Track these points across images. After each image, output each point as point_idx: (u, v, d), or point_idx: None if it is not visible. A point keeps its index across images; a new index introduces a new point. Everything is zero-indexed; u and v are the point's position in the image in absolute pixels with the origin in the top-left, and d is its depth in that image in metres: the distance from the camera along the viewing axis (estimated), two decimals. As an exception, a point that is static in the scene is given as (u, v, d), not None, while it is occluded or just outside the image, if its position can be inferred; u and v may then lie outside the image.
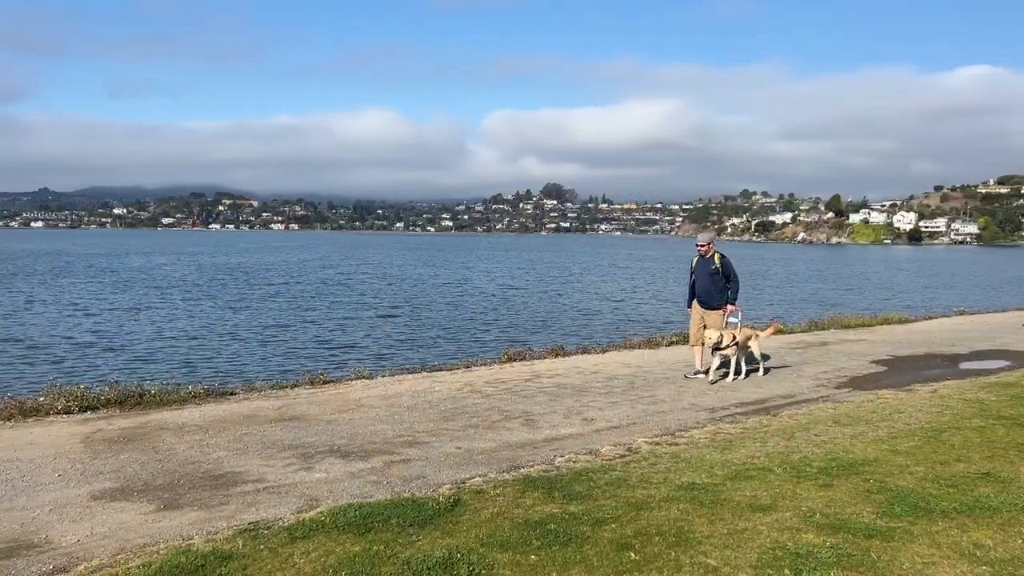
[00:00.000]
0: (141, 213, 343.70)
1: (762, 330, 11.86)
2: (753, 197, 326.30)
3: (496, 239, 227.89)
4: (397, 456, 7.07)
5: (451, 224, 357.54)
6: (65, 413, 8.54)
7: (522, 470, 6.62)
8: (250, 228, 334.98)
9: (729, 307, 10.86)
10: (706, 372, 10.76)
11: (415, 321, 24.25)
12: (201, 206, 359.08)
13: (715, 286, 10.86)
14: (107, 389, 9.16)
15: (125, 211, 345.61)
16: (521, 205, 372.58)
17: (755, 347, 11.02)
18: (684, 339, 14.92)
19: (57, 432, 7.79)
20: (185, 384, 10.07)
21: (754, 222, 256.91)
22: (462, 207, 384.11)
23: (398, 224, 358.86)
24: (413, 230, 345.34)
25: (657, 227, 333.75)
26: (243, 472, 6.54)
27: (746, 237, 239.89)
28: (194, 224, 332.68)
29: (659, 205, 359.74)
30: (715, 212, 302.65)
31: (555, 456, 7.09)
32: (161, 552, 4.80)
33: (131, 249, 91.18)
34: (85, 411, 8.64)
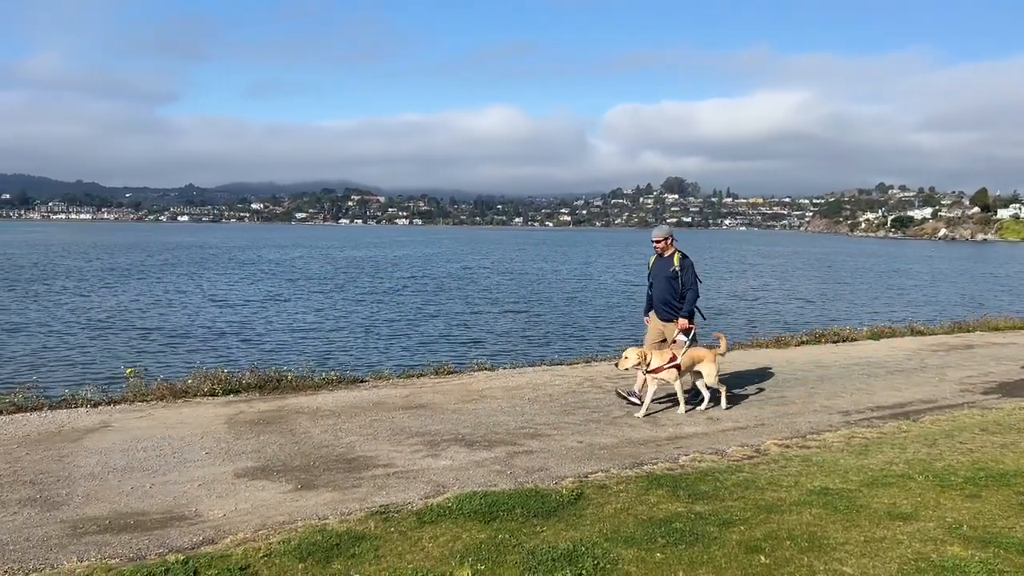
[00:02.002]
0: (276, 208, 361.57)
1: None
2: (890, 191, 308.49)
3: (615, 234, 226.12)
4: (519, 447, 7.14)
5: (569, 219, 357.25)
6: (210, 395, 9.10)
7: (645, 467, 6.56)
8: (376, 223, 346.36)
9: (680, 321, 8.76)
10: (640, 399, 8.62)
11: (535, 315, 24.42)
12: (331, 201, 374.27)
13: (674, 293, 8.88)
14: (248, 374, 9.71)
15: (262, 206, 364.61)
16: (641, 200, 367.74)
17: (707, 372, 8.62)
18: (815, 339, 14.34)
19: (204, 413, 8.32)
20: (319, 371, 10.53)
21: (890, 217, 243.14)
22: (581, 202, 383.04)
23: (517, 219, 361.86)
24: (532, 225, 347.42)
25: (785, 222, 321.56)
26: (373, 457, 6.79)
27: (881, 233, 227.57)
28: (325, 219, 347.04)
29: (787, 199, 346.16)
30: (848, 207, 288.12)
31: (679, 455, 6.98)
32: (299, 529, 5.05)
33: (268, 243, 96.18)
34: (228, 394, 9.19)
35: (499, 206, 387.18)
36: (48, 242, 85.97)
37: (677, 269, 8.84)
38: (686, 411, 8.53)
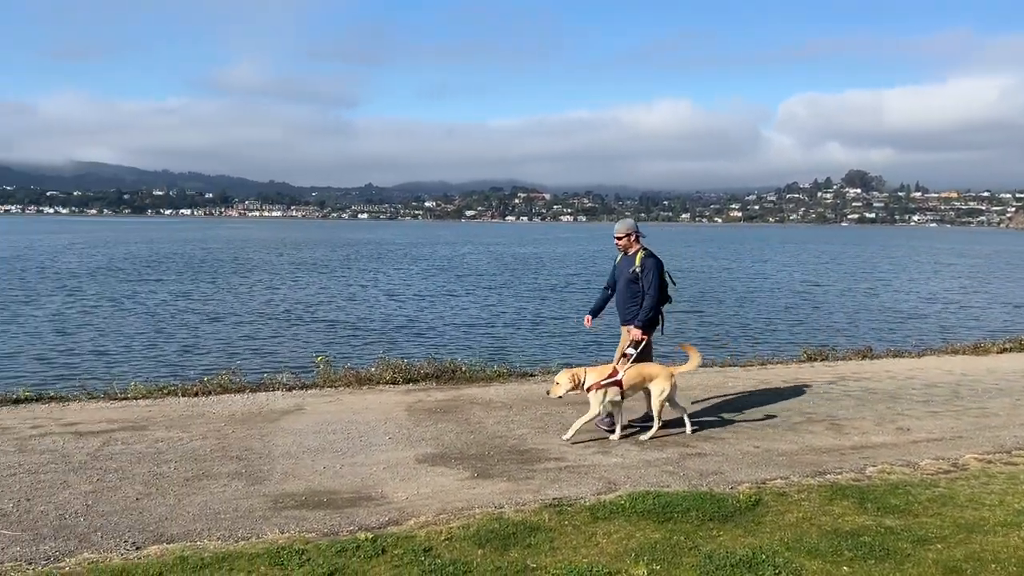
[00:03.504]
0: (447, 206, 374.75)
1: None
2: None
3: (791, 230, 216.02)
4: (692, 449, 7.01)
5: (740, 215, 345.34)
6: (391, 384, 9.59)
7: (828, 476, 6.25)
8: (541, 220, 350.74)
9: (632, 331, 7.60)
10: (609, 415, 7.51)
11: (704, 315, 23.81)
12: (499, 199, 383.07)
13: (633, 296, 7.74)
14: (426, 364, 10.15)
15: (434, 204, 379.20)
16: (819, 194, 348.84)
17: (654, 391, 7.27)
18: (1021, 347, 13.06)
19: (386, 400, 8.78)
20: (491, 364, 10.82)
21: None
22: (752, 197, 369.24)
23: (684, 215, 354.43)
24: (700, 221, 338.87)
25: (983, 218, 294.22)
26: (545, 450, 6.90)
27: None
28: (492, 216, 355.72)
29: (986, 193, 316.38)
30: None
31: (865, 465, 6.59)
32: (476, 516, 5.23)
33: (439, 239, 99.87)
34: (407, 383, 9.64)
35: (665, 202, 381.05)
36: (244, 238, 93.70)
37: (637, 270, 7.68)
38: (620, 437, 7.23)
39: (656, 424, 7.34)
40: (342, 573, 4.33)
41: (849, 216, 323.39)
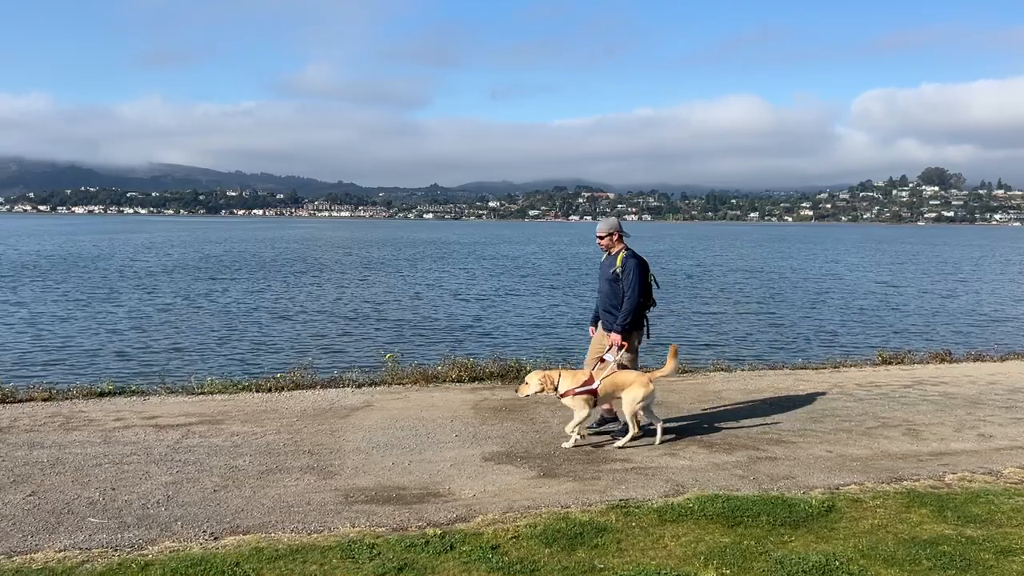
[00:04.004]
0: (511, 206, 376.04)
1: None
2: None
3: (864, 229, 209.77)
4: (762, 452, 6.88)
5: (811, 213, 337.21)
6: (457, 382, 9.69)
7: (904, 483, 6.07)
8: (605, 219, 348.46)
9: (612, 336, 7.23)
10: (600, 423, 7.51)
11: (775, 316, 23.34)
12: (562, 199, 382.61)
13: (615, 298, 7.36)
14: (491, 363, 10.22)
15: (498, 204, 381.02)
16: (894, 192, 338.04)
17: (626, 398, 6.92)
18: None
19: (452, 398, 8.87)
20: (555, 364, 10.81)
21: None
22: (824, 195, 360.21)
23: (752, 214, 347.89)
24: (769, 220, 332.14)
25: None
26: (610, 450, 6.87)
27: None
28: (556, 216, 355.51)
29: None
30: None
31: (944, 472, 6.37)
32: (543, 515, 5.24)
33: (502, 239, 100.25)
34: (473, 381, 9.73)
35: (733, 200, 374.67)
36: (313, 238, 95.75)
37: (618, 270, 7.31)
38: (573, 445, 6.89)
39: (632, 431, 6.99)
40: (412, 568, 4.39)
41: (926, 215, 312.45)
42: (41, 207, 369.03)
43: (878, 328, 21.13)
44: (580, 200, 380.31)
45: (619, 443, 6.98)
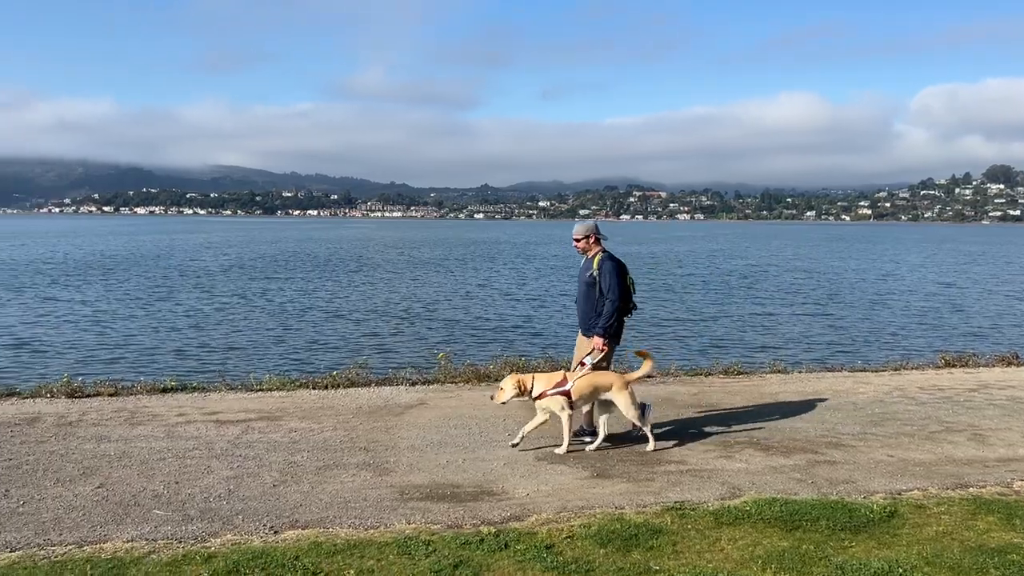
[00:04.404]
0: (561, 205, 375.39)
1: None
2: None
3: (925, 229, 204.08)
4: (821, 456, 6.75)
5: (869, 212, 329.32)
6: (509, 381, 9.69)
7: (970, 489, 5.89)
8: (657, 218, 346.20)
9: (594, 340, 7.04)
10: (592, 433, 7.13)
11: (832, 317, 22.86)
12: (613, 198, 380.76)
13: (592, 302, 7.16)
14: (543, 363, 10.22)
15: (548, 204, 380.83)
16: (956, 191, 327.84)
17: (621, 403, 6.75)
18: None
19: (505, 397, 8.87)
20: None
21: None
22: (883, 193, 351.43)
23: (808, 213, 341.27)
24: (826, 219, 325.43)
25: None
26: (665, 452, 6.81)
27: None
28: (607, 215, 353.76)
29: None
30: None
31: (1012, 479, 6.18)
32: (597, 516, 5.23)
33: (552, 239, 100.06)
34: (525, 381, 9.72)
35: (788, 199, 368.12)
36: (366, 238, 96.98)
37: (595, 273, 7.13)
38: (568, 451, 6.69)
39: (647, 431, 6.83)
40: (467, 565, 4.42)
41: (991, 214, 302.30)
42: (105, 208, 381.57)
43: (940, 330, 20.55)
44: (631, 199, 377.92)
45: (649, 447, 6.79)
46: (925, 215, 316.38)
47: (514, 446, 6.81)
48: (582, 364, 7.02)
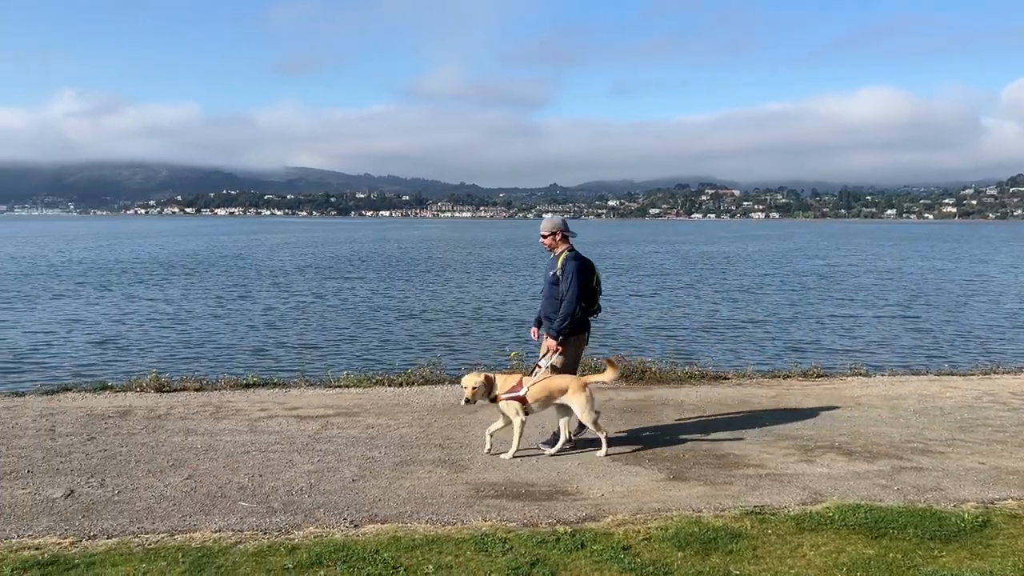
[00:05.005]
0: (631, 204, 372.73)
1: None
2: None
3: (1015, 227, 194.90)
4: (907, 462, 6.53)
5: (954, 211, 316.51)
6: (582, 381, 9.67)
7: (1070, 500, 5.60)
8: (730, 217, 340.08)
9: (547, 341, 6.88)
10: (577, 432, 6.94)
11: (916, 319, 22.05)
12: (685, 197, 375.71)
13: (554, 301, 6.93)
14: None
15: (618, 203, 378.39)
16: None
17: (577, 405, 6.53)
18: None
19: (577, 397, 8.86)
20: (682, 365, 10.64)
21: None
22: (969, 191, 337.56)
23: (889, 211, 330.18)
24: (907, 217, 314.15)
25: None
26: (743, 455, 6.69)
27: None
28: (677, 214, 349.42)
29: None
30: None
31: (1117, 490, 5.84)
32: (674, 518, 5.17)
33: (622, 238, 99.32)
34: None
35: (868, 197, 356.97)
36: (436, 238, 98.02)
37: (558, 272, 6.90)
38: (515, 456, 6.51)
39: (601, 436, 6.65)
40: (544, 564, 4.43)
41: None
42: (188, 209, 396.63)
43: (1034, 333, 19.58)
44: (703, 198, 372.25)
45: (600, 452, 6.62)
46: (1015, 213, 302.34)
47: (491, 453, 6.63)
48: (538, 367, 6.86)
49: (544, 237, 7.17)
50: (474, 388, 6.55)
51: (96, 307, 23.42)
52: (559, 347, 6.81)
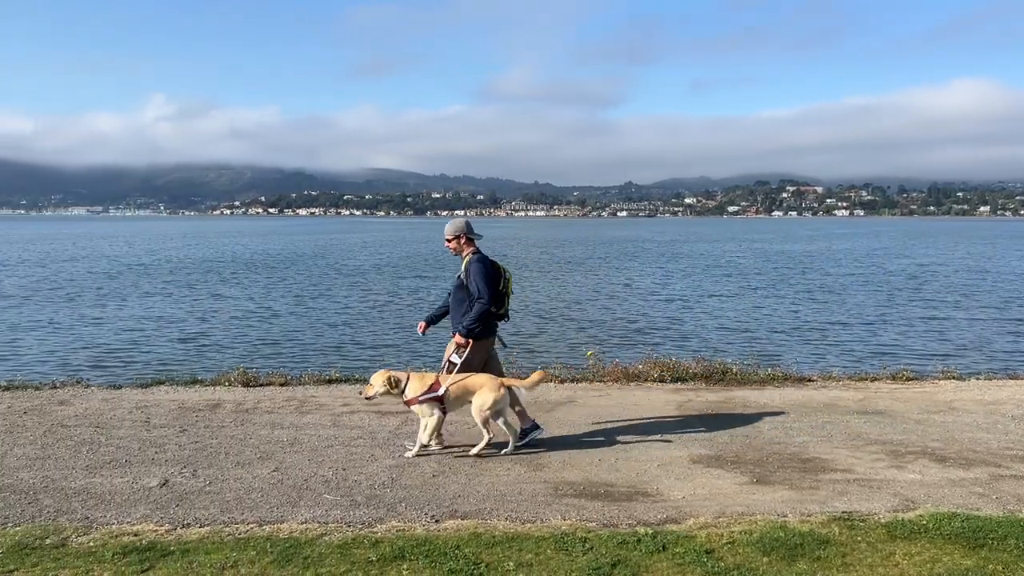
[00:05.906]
0: (708, 202, 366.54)
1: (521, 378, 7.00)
2: None
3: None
4: (1006, 470, 6.23)
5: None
6: (659, 382, 9.58)
7: None
8: (812, 214, 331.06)
9: (456, 338, 6.80)
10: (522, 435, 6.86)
11: (1013, 321, 21.01)
12: (765, 194, 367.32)
13: (460, 305, 6.91)
14: (694, 364, 10.01)
15: (694, 200, 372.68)
16: None
17: (476, 403, 6.51)
18: None
19: (654, 397, 8.78)
20: (763, 366, 10.41)
21: None
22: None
23: (982, 208, 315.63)
24: (1002, 215, 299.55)
25: None
26: (829, 460, 6.50)
27: None
28: (756, 211, 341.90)
29: None
30: None
31: None
32: (758, 523, 5.06)
33: (699, 236, 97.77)
34: (675, 382, 9.58)
35: (959, 193, 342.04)
36: (510, 236, 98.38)
37: (463, 274, 6.90)
38: (416, 454, 6.52)
39: (485, 436, 6.60)
40: (625, 565, 4.40)
41: None
42: (270, 209, 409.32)
43: None
44: (784, 195, 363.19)
45: (474, 451, 6.61)
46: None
47: (421, 455, 6.58)
48: (451, 363, 6.84)
49: (448, 241, 7.15)
50: (372, 386, 6.63)
51: (183, 305, 24.35)
52: (464, 342, 6.78)
